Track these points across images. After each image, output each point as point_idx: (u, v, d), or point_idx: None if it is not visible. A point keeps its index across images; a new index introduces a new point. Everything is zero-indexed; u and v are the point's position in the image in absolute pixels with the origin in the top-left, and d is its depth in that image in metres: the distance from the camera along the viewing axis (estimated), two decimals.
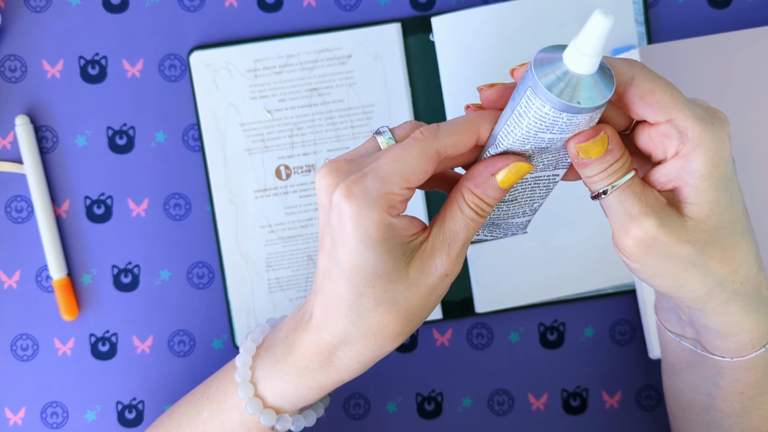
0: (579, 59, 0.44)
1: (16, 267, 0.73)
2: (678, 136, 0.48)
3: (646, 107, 0.48)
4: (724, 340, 0.54)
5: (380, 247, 0.49)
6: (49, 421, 0.73)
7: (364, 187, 0.49)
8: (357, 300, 0.51)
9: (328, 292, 0.52)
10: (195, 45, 0.73)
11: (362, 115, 0.73)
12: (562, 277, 0.73)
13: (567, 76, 0.45)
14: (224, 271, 0.73)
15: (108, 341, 0.74)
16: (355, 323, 0.52)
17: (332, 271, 0.51)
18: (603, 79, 0.46)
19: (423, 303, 0.51)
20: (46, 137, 0.73)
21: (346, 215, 0.49)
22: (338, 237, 0.50)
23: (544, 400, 0.74)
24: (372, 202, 0.49)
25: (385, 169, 0.49)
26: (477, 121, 0.50)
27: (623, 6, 0.73)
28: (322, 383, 0.55)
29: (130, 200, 0.73)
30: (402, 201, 0.50)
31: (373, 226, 0.49)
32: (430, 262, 0.51)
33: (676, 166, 0.49)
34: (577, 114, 0.46)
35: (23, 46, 0.73)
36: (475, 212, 0.50)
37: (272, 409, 0.57)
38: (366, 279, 0.50)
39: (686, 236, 0.49)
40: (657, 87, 0.48)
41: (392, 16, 0.74)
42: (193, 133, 0.74)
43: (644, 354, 0.74)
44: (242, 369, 0.58)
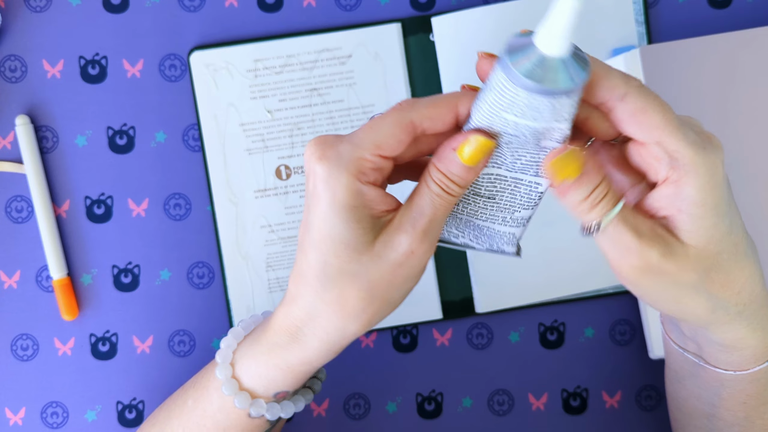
0: (546, 39, 0.44)
1: (16, 267, 0.73)
2: (668, 160, 0.47)
3: (635, 126, 0.47)
4: (728, 354, 0.54)
5: (347, 213, 0.49)
6: (49, 421, 0.73)
7: (336, 150, 0.49)
8: (322, 269, 0.51)
9: (300, 262, 0.52)
10: (195, 45, 0.73)
11: (362, 115, 0.73)
12: (562, 277, 0.73)
13: (533, 52, 0.44)
14: (224, 271, 0.73)
15: (108, 341, 0.74)
16: (319, 293, 0.51)
17: (304, 240, 0.51)
18: (575, 67, 0.45)
19: (387, 280, 0.51)
20: (46, 137, 0.73)
21: (318, 178, 0.49)
22: (311, 201, 0.50)
23: (544, 400, 0.74)
24: (342, 166, 0.49)
25: (360, 136, 0.50)
26: (456, 97, 0.50)
27: (623, 6, 0.73)
28: (289, 362, 0.55)
29: (130, 200, 0.73)
30: (373, 168, 0.50)
31: (342, 189, 0.49)
32: (395, 237, 0.50)
33: (668, 192, 0.48)
34: (534, 94, 0.45)
35: (23, 46, 0.73)
36: (441, 189, 0.49)
37: (247, 392, 0.56)
38: (332, 247, 0.50)
39: (689, 264, 0.48)
40: (649, 106, 0.46)
41: (392, 16, 0.74)
42: (193, 133, 0.74)
43: (644, 354, 0.74)
44: (225, 350, 0.58)
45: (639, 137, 0.47)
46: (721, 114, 0.70)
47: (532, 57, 0.44)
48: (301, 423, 0.74)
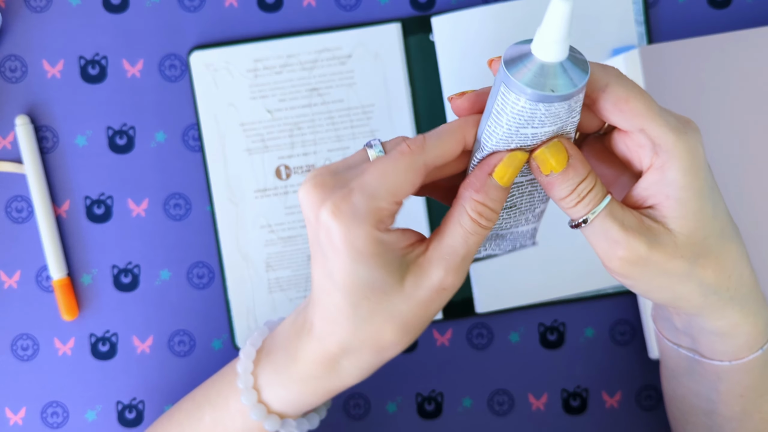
0: (546, 47, 0.44)
1: (16, 267, 0.73)
2: (651, 146, 0.48)
3: (618, 114, 0.48)
4: (722, 342, 0.54)
5: (372, 261, 0.49)
6: (49, 421, 0.73)
7: (351, 204, 0.49)
8: (353, 311, 0.51)
9: (326, 304, 0.52)
10: (195, 45, 0.73)
11: (362, 115, 0.73)
12: (562, 277, 0.73)
13: (536, 65, 0.44)
14: (224, 271, 0.73)
15: (108, 341, 0.74)
16: (353, 333, 0.51)
17: (327, 284, 0.51)
18: (575, 66, 0.45)
19: (419, 315, 0.51)
20: (46, 137, 0.73)
21: (335, 233, 0.49)
22: (329, 253, 0.50)
23: (544, 400, 0.74)
24: (360, 219, 0.48)
25: (373, 185, 0.49)
26: (462, 128, 0.50)
27: (623, 6, 0.73)
28: (327, 389, 0.55)
29: (130, 200, 0.73)
30: (390, 215, 0.50)
31: (363, 242, 0.49)
32: (425, 277, 0.50)
33: (654, 179, 0.48)
34: (553, 103, 0.45)
35: (23, 46, 0.73)
36: (477, 222, 0.49)
37: (276, 414, 0.57)
38: (360, 292, 0.50)
39: (678, 251, 0.49)
40: (630, 95, 0.47)
41: (392, 16, 0.74)
42: (193, 133, 0.74)
43: (644, 354, 0.74)
44: (244, 375, 0.57)
45: (623, 125, 0.48)
46: (721, 114, 0.70)
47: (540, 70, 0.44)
48: None
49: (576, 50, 0.46)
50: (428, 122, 0.73)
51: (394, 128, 0.73)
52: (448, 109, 0.73)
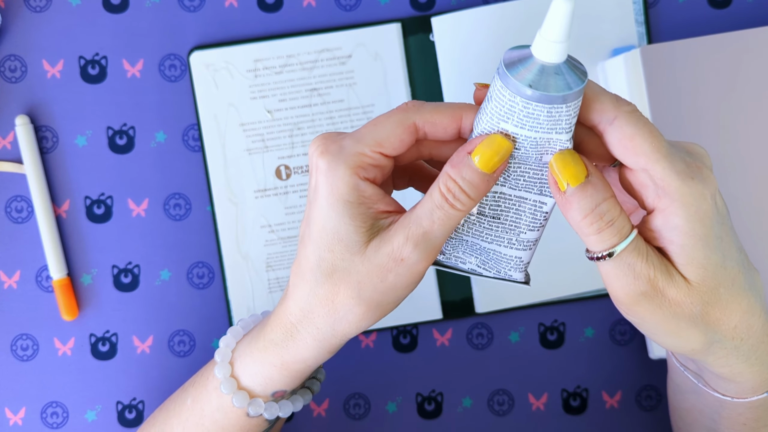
0: (543, 46, 0.44)
1: (16, 267, 0.73)
2: (654, 188, 0.47)
3: (623, 151, 0.46)
4: (726, 383, 0.53)
5: (343, 208, 0.50)
6: (49, 421, 0.73)
7: (339, 145, 0.50)
8: (317, 264, 0.51)
9: (299, 256, 0.53)
10: (195, 45, 0.73)
11: (362, 115, 0.73)
12: (562, 277, 0.73)
13: (529, 60, 0.45)
14: (224, 271, 0.73)
15: (108, 341, 0.74)
16: (312, 288, 0.52)
17: (304, 233, 0.52)
18: (571, 74, 0.45)
19: (374, 283, 0.50)
20: (46, 137, 0.73)
21: (320, 171, 0.50)
22: (312, 196, 0.51)
23: (544, 400, 0.74)
24: (341, 159, 0.49)
25: (362, 132, 0.50)
26: (461, 108, 0.50)
27: (623, 6, 0.73)
28: (284, 359, 0.55)
29: (130, 200, 0.73)
30: (373, 164, 0.50)
31: (339, 182, 0.49)
32: (387, 242, 0.50)
33: (658, 222, 0.47)
34: (530, 101, 0.44)
35: (23, 46, 0.73)
36: (445, 198, 0.48)
37: (245, 391, 0.56)
38: (327, 241, 0.50)
39: (689, 298, 0.48)
40: (638, 133, 0.46)
41: (392, 16, 0.74)
42: (193, 133, 0.74)
43: (644, 354, 0.74)
44: (224, 349, 0.58)
45: (627, 163, 0.47)
46: (721, 114, 0.70)
47: (529, 65, 0.45)
48: (301, 423, 0.74)
49: (578, 61, 0.46)
50: None
51: None
52: None
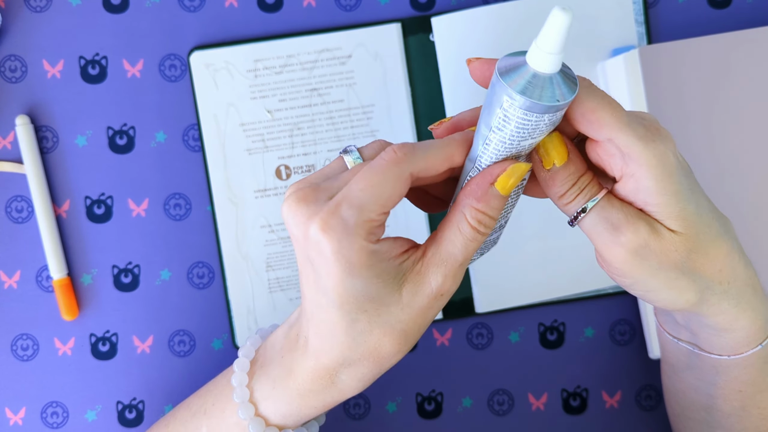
0: (543, 59, 0.44)
1: (16, 267, 0.73)
2: (620, 155, 0.48)
3: (587, 125, 0.48)
4: (721, 337, 0.55)
5: (367, 273, 0.49)
6: (49, 421, 0.73)
7: (340, 218, 0.48)
8: (351, 326, 0.50)
9: (321, 320, 0.51)
10: (195, 45, 0.73)
11: (362, 115, 0.73)
12: (562, 277, 0.73)
13: (536, 78, 0.45)
14: (224, 271, 0.73)
15: (108, 341, 0.74)
16: (352, 348, 0.51)
17: (321, 301, 0.50)
18: (564, 81, 0.46)
19: (418, 323, 0.51)
20: (47, 137, 0.73)
21: (326, 249, 0.48)
22: (321, 270, 0.49)
23: (544, 400, 0.74)
24: (351, 233, 0.48)
25: (360, 196, 0.48)
26: (453, 146, 0.50)
27: (623, 6, 0.73)
28: (326, 402, 0.55)
29: (130, 200, 0.73)
30: (380, 225, 0.49)
31: (357, 255, 0.48)
32: (423, 284, 0.50)
33: (630, 187, 0.49)
34: (556, 113, 0.46)
35: (23, 46, 0.73)
36: (476, 230, 0.50)
37: (275, 427, 0.56)
38: (357, 305, 0.49)
39: (673, 245, 0.49)
40: (599, 105, 0.48)
41: (392, 16, 0.74)
42: (193, 133, 0.74)
43: (644, 354, 0.74)
44: (240, 389, 0.57)
45: (593, 135, 0.49)
46: (720, 114, 0.70)
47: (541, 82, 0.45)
48: None
49: (567, 66, 0.47)
50: (428, 122, 0.73)
51: (394, 128, 0.73)
52: (448, 109, 0.73)
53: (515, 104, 0.45)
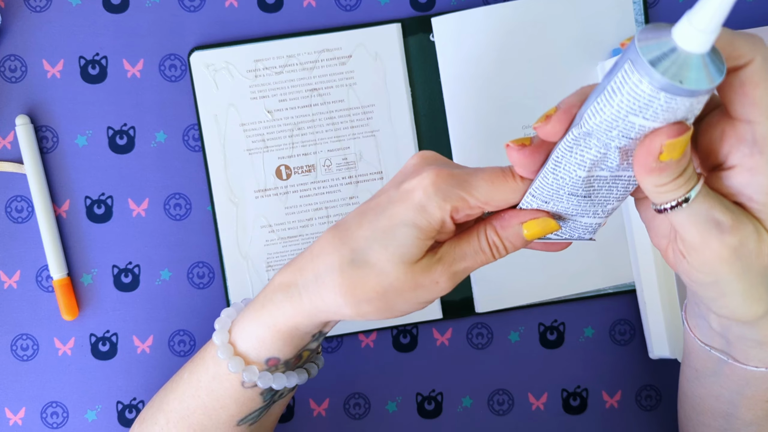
0: (691, 35, 0.39)
1: (16, 267, 0.73)
2: (751, 144, 0.44)
3: (741, 97, 0.43)
4: (762, 350, 0.53)
5: (423, 231, 0.51)
6: (49, 421, 0.73)
7: (455, 180, 0.50)
8: (364, 247, 0.52)
9: (350, 226, 0.53)
10: (195, 45, 0.73)
11: (362, 115, 0.73)
12: (562, 277, 0.73)
13: (674, 52, 0.40)
14: (224, 271, 0.73)
15: (108, 341, 0.74)
16: (343, 264, 0.52)
17: (366, 217, 0.52)
18: (714, 62, 0.41)
19: (402, 289, 0.52)
20: (47, 137, 0.73)
21: (422, 187, 0.50)
22: (399, 197, 0.51)
23: (544, 400, 0.74)
24: (450, 196, 0.50)
25: (480, 183, 0.50)
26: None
27: (623, 6, 0.73)
28: (276, 320, 0.56)
29: (130, 200, 0.73)
30: (466, 215, 0.51)
31: (436, 209, 0.50)
32: (433, 264, 0.52)
33: (743, 180, 0.45)
34: (675, 97, 0.41)
35: (23, 46, 0.73)
36: (489, 250, 0.52)
37: (241, 358, 0.57)
38: (388, 239, 0.51)
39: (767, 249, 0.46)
40: (765, 83, 0.43)
41: (392, 16, 0.74)
42: (194, 133, 0.74)
43: (644, 354, 0.74)
44: (224, 318, 0.59)
45: (736, 110, 0.44)
46: None
47: (676, 58, 0.40)
48: (301, 423, 0.74)
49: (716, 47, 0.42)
50: (428, 122, 0.73)
51: (394, 128, 0.73)
52: (448, 109, 0.73)
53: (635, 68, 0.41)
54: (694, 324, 0.57)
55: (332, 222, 0.73)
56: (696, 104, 0.41)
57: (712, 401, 0.59)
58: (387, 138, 0.73)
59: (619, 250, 0.73)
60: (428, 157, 0.53)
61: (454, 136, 0.73)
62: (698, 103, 0.41)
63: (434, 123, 0.73)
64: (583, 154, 0.46)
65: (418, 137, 0.73)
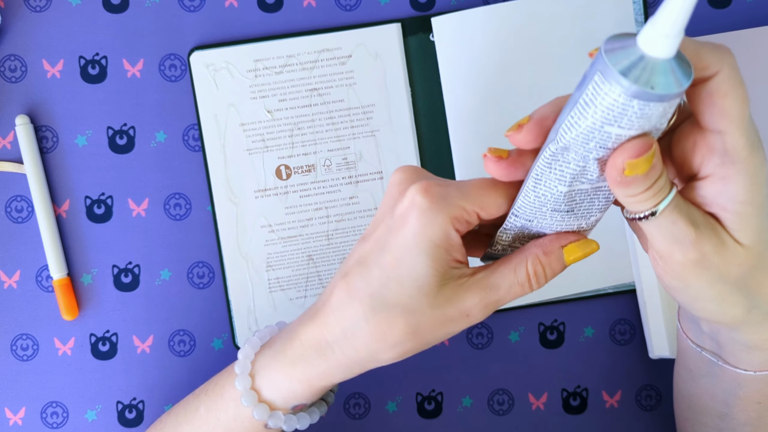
0: (656, 41, 0.40)
1: (16, 267, 0.73)
2: (722, 154, 0.44)
3: (710, 108, 0.44)
4: (750, 354, 0.53)
5: (430, 249, 0.49)
6: (49, 421, 0.73)
7: (444, 191, 0.49)
8: (380, 291, 0.51)
9: (355, 276, 0.52)
10: (195, 45, 0.73)
11: (362, 115, 0.73)
12: (562, 277, 0.73)
13: (642, 60, 0.40)
14: (224, 271, 0.73)
15: (108, 341, 0.74)
16: (366, 312, 0.51)
17: (371, 257, 0.51)
18: (680, 66, 0.41)
19: (434, 328, 0.51)
20: (46, 137, 0.73)
21: (415, 207, 0.49)
22: (396, 225, 0.50)
23: (544, 399, 0.74)
24: (445, 207, 0.49)
25: (469, 189, 0.50)
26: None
27: (623, 6, 0.73)
28: (311, 377, 0.55)
29: (130, 200, 0.73)
30: (467, 222, 0.50)
31: (436, 226, 0.49)
32: (460, 298, 0.51)
33: (715, 189, 0.45)
34: (648, 103, 0.41)
35: (23, 46, 0.73)
36: (529, 279, 0.50)
37: (266, 404, 0.57)
38: (400, 274, 0.50)
39: (737, 260, 0.47)
40: (733, 93, 0.43)
41: (392, 16, 0.74)
42: (194, 133, 0.74)
43: (644, 354, 0.74)
44: (243, 361, 0.58)
45: (706, 120, 0.44)
46: None
47: (645, 65, 0.41)
48: None
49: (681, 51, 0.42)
50: (428, 122, 0.73)
51: (394, 128, 0.73)
52: (448, 109, 0.73)
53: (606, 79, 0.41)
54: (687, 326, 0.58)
55: (332, 221, 0.73)
56: (669, 108, 0.42)
57: (708, 400, 0.59)
58: (387, 138, 0.73)
59: (619, 250, 0.73)
60: (410, 173, 0.52)
61: (454, 136, 0.73)
62: (670, 107, 0.42)
63: (434, 123, 0.73)
64: (562, 169, 0.46)
65: (418, 137, 0.73)
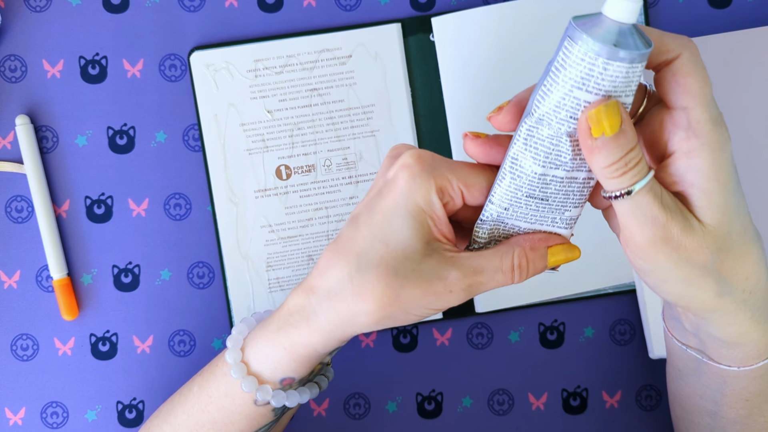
0: (618, 5, 0.44)
1: (16, 267, 0.73)
2: (686, 129, 0.47)
3: (674, 86, 0.47)
4: (731, 350, 0.53)
5: (416, 213, 0.51)
6: (49, 421, 0.73)
7: (434, 160, 0.51)
8: (367, 250, 0.51)
9: (345, 236, 0.53)
10: (195, 45, 0.73)
11: (362, 115, 0.73)
12: (562, 277, 0.73)
13: (606, 22, 0.44)
14: (224, 271, 0.73)
15: (108, 341, 0.74)
16: (352, 270, 0.52)
17: (361, 216, 0.52)
18: (642, 37, 0.45)
19: (416, 297, 0.51)
20: (47, 137, 0.73)
21: (406, 169, 0.51)
22: (385, 188, 0.52)
23: (544, 400, 0.74)
24: (433, 173, 0.51)
25: (459, 165, 0.52)
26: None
27: None
28: (294, 343, 0.55)
29: (130, 200, 0.73)
30: (451, 196, 0.51)
31: (423, 190, 0.50)
32: (445, 268, 0.51)
33: (681, 165, 0.48)
34: (611, 62, 0.45)
35: (23, 46, 0.73)
36: (512, 271, 0.52)
37: (254, 377, 0.57)
38: (387, 234, 0.51)
39: (704, 242, 0.48)
40: (694, 71, 0.47)
41: (392, 16, 0.74)
42: (194, 133, 0.74)
43: (644, 354, 0.74)
44: (236, 336, 0.59)
45: (671, 98, 0.48)
46: None
47: (609, 27, 0.45)
48: (301, 423, 0.74)
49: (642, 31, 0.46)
50: (428, 122, 0.73)
51: (394, 128, 0.73)
52: (448, 109, 0.73)
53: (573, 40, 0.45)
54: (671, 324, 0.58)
55: (332, 221, 0.73)
56: (631, 72, 0.45)
57: (697, 399, 0.59)
58: (387, 138, 0.73)
59: (619, 250, 0.73)
60: (405, 146, 0.54)
61: (454, 136, 0.73)
62: (633, 72, 0.45)
63: (434, 123, 0.73)
64: (537, 147, 0.49)
65: (418, 137, 0.73)
